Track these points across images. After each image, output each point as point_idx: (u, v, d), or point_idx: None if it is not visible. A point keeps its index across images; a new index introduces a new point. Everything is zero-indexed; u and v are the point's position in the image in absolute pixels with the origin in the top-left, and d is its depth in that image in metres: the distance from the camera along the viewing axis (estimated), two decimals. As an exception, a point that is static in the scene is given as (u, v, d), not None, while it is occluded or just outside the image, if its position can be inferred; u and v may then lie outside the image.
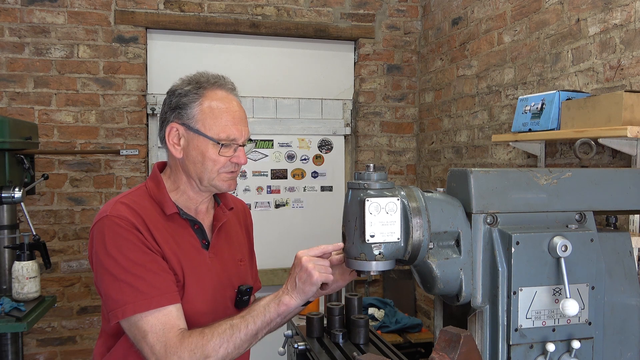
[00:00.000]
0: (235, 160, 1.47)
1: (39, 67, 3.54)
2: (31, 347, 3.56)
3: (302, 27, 3.98)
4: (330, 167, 4.23)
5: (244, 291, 1.54)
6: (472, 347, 1.03)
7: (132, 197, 1.45)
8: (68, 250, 3.62)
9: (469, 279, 1.21)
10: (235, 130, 1.46)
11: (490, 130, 3.27)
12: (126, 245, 1.35)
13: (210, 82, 1.48)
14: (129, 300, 1.32)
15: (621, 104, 2.01)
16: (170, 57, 3.87)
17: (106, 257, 1.34)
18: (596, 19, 2.42)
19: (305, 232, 4.11)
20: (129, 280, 1.33)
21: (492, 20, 3.24)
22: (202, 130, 1.44)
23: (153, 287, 1.34)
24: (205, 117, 1.45)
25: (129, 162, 3.70)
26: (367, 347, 1.94)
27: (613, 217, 1.45)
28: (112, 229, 1.36)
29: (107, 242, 1.35)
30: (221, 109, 1.46)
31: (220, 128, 1.44)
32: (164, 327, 1.32)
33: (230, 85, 1.52)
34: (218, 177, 1.47)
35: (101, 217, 1.39)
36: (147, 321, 1.32)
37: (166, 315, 1.34)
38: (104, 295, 1.37)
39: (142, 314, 1.32)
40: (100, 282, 1.37)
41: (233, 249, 1.60)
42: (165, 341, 1.31)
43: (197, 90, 1.46)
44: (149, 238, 1.39)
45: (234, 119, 1.46)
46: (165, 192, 1.49)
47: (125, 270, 1.33)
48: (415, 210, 1.21)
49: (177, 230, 1.47)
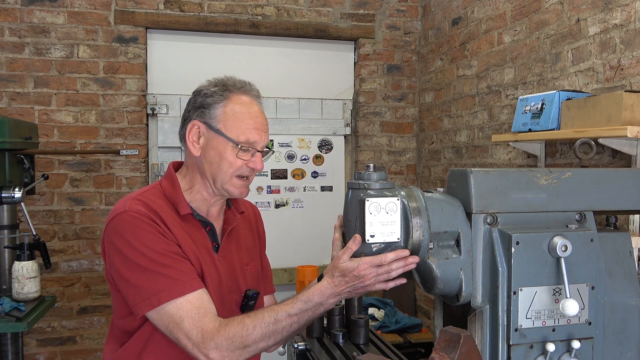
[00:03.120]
0: (251, 165, 1.48)
1: (39, 67, 3.54)
2: (31, 347, 3.56)
3: (302, 27, 3.97)
4: (330, 167, 4.22)
5: (250, 296, 1.54)
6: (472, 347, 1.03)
7: (148, 196, 1.46)
8: (68, 250, 3.62)
9: (469, 279, 1.21)
10: (255, 135, 1.47)
11: (490, 130, 3.27)
12: (149, 237, 1.36)
13: (237, 87, 1.51)
14: (162, 288, 1.32)
15: (621, 104, 2.01)
16: (170, 57, 3.87)
17: (131, 250, 1.35)
18: (596, 19, 2.42)
19: (305, 232, 4.11)
20: (158, 269, 1.33)
21: (492, 20, 3.24)
22: (222, 131, 1.46)
23: (183, 273, 1.35)
24: (227, 118, 1.47)
25: (129, 162, 3.70)
26: (367, 347, 1.94)
27: (613, 217, 1.45)
28: (133, 223, 1.37)
29: (129, 235, 1.36)
30: (244, 113, 1.48)
31: (241, 131, 1.46)
32: (199, 312, 1.32)
33: (256, 92, 1.55)
34: (230, 182, 1.48)
35: (119, 213, 1.39)
36: (182, 306, 1.32)
37: (199, 299, 1.34)
38: (132, 287, 1.35)
39: (176, 300, 1.32)
40: (128, 276, 1.36)
41: (241, 253, 1.60)
42: (202, 327, 1.31)
43: (223, 93, 1.49)
44: (168, 232, 1.40)
45: (256, 124, 1.48)
46: (180, 192, 1.50)
47: (153, 260, 1.34)
48: (415, 210, 1.21)
49: (192, 230, 1.48)
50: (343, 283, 1.30)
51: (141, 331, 1.42)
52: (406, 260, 1.22)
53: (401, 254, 1.21)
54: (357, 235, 1.24)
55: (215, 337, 1.30)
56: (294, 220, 4.13)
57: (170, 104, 3.85)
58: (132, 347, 1.44)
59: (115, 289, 1.44)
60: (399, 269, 1.24)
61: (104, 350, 1.53)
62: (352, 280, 1.28)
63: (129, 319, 1.43)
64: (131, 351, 1.44)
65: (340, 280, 1.30)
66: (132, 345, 1.44)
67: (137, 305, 1.34)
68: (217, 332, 1.30)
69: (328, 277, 1.33)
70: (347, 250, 1.28)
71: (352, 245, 1.26)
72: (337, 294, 1.32)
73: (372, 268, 1.24)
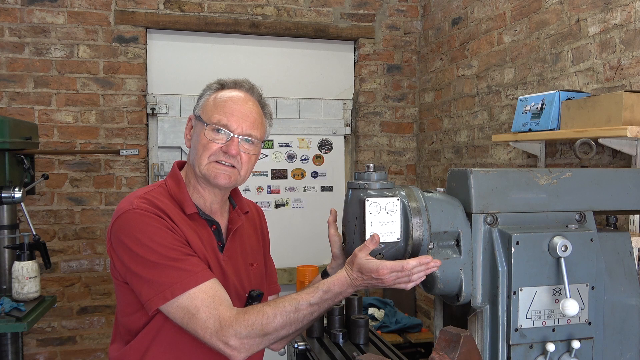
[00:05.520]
0: (224, 148, 1.45)
1: (39, 67, 3.54)
2: (31, 347, 3.56)
3: (302, 27, 3.97)
4: (330, 167, 4.22)
5: (254, 296, 1.54)
6: (472, 347, 1.03)
7: (153, 194, 1.45)
8: (68, 250, 3.62)
9: (469, 279, 1.21)
10: (230, 118, 1.46)
11: (490, 130, 3.27)
12: (158, 233, 1.36)
13: (229, 83, 1.55)
14: (175, 281, 1.32)
15: (621, 104, 2.01)
16: (170, 57, 3.87)
17: (141, 247, 1.35)
18: (596, 19, 2.42)
19: (305, 232, 4.11)
20: (169, 263, 1.34)
21: (492, 20, 3.24)
22: (201, 116, 1.49)
23: (195, 265, 1.36)
24: (207, 104, 1.50)
25: (129, 162, 3.70)
26: (367, 347, 1.94)
27: (613, 217, 1.45)
28: (141, 220, 1.37)
29: (138, 232, 1.36)
30: (225, 100, 1.49)
31: (216, 113, 1.47)
32: (214, 300, 1.32)
33: (248, 87, 1.56)
34: (208, 167, 1.46)
35: (126, 211, 1.39)
36: (196, 296, 1.32)
37: (213, 289, 1.34)
38: (145, 282, 1.35)
39: (190, 291, 1.32)
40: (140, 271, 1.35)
41: (245, 253, 1.60)
42: (219, 315, 1.31)
43: (216, 86, 1.54)
44: (176, 227, 1.40)
45: (233, 110, 1.48)
46: (185, 190, 1.50)
47: (163, 255, 1.34)
48: (415, 210, 1.21)
49: (199, 228, 1.48)
50: (360, 279, 1.28)
51: (148, 329, 1.42)
52: (427, 264, 1.20)
53: (424, 261, 1.19)
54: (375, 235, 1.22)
55: (233, 324, 1.30)
56: (294, 220, 4.13)
57: (170, 104, 3.85)
58: (138, 345, 1.43)
59: (121, 287, 1.44)
60: (421, 272, 1.22)
61: (110, 349, 1.52)
62: (369, 279, 1.27)
63: (135, 316, 1.43)
64: (137, 349, 1.43)
65: (358, 276, 1.29)
66: (137, 343, 1.43)
67: (151, 300, 1.34)
68: (235, 319, 1.31)
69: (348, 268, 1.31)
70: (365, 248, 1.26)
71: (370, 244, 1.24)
72: (355, 286, 1.31)
73: (392, 273, 1.22)
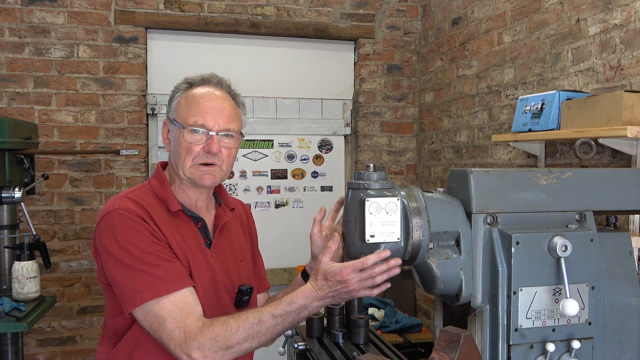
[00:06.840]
0: (205, 148, 1.45)
1: (39, 67, 3.54)
2: (31, 347, 3.56)
3: (302, 27, 3.97)
4: (330, 167, 4.22)
5: (244, 291, 1.55)
6: (472, 347, 1.03)
7: (137, 194, 1.46)
8: (68, 250, 3.62)
9: (469, 279, 1.21)
10: (205, 117, 1.46)
11: (490, 130, 3.27)
12: (137, 236, 1.36)
13: (197, 80, 1.53)
14: (146, 287, 1.32)
15: (621, 104, 2.01)
16: (170, 57, 3.87)
17: (118, 249, 1.35)
18: (596, 19, 2.42)
19: (305, 232, 4.05)
20: (144, 268, 1.33)
21: (492, 20, 3.24)
22: (176, 119, 1.49)
23: (168, 273, 1.35)
24: (179, 107, 1.50)
25: (129, 162, 3.70)
26: (367, 347, 1.94)
27: (613, 217, 1.45)
28: (122, 222, 1.37)
29: (118, 234, 1.36)
30: (195, 99, 1.48)
31: (190, 115, 1.46)
32: (182, 312, 1.32)
33: (216, 82, 1.53)
34: (192, 170, 1.46)
35: (109, 211, 1.40)
36: (164, 307, 1.32)
37: (182, 300, 1.34)
38: (118, 285, 1.36)
39: (160, 300, 1.32)
40: (114, 274, 1.36)
41: (234, 250, 1.60)
42: (184, 327, 1.30)
43: (185, 86, 1.52)
44: (157, 230, 1.40)
45: (205, 107, 1.47)
46: (169, 189, 1.50)
47: (139, 259, 1.34)
48: (415, 210, 1.21)
49: (183, 226, 1.48)
50: (326, 287, 1.27)
51: (131, 331, 1.42)
52: (388, 263, 1.20)
53: (382, 255, 1.18)
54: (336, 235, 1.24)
55: (197, 337, 1.29)
56: (294, 220, 4.13)
57: (170, 104, 3.84)
58: (123, 347, 1.44)
59: (106, 289, 1.45)
60: (383, 273, 1.22)
61: (98, 352, 1.53)
62: (334, 284, 1.25)
63: (120, 319, 1.43)
64: (122, 352, 1.44)
65: (323, 284, 1.28)
66: (123, 345, 1.44)
67: (123, 304, 1.35)
68: (199, 332, 1.29)
69: (312, 280, 1.30)
70: (327, 251, 1.27)
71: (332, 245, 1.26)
72: (321, 297, 1.29)
73: (355, 273, 1.22)
